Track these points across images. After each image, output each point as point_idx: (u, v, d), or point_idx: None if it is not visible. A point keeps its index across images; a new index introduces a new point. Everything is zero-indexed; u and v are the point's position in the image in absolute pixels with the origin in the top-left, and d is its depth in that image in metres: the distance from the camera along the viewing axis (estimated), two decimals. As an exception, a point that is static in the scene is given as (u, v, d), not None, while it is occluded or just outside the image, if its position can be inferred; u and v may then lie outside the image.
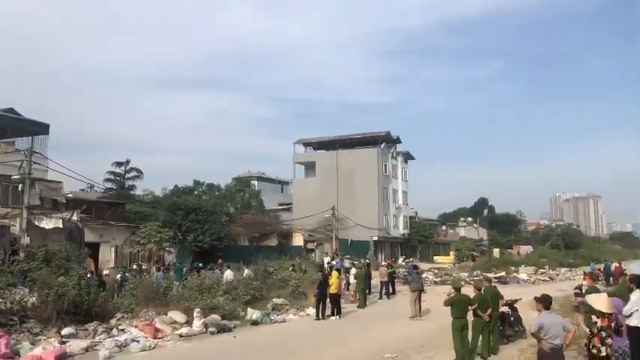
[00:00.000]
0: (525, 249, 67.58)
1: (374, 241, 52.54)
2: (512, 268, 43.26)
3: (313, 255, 45.06)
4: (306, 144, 61.99)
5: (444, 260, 55.76)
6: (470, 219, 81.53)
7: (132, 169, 55.85)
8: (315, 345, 13.94)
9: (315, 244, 47.51)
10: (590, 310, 7.93)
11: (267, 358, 12.28)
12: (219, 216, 40.50)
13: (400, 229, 59.80)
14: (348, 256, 35.28)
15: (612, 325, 7.75)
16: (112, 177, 54.79)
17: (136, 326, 14.74)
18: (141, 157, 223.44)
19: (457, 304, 11.83)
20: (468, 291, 13.33)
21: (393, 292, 25.66)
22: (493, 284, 14.71)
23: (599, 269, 35.70)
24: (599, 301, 7.85)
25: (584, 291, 14.14)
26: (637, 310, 8.61)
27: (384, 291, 24.95)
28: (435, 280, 33.47)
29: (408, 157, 63.85)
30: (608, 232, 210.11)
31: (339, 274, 21.40)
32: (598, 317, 7.64)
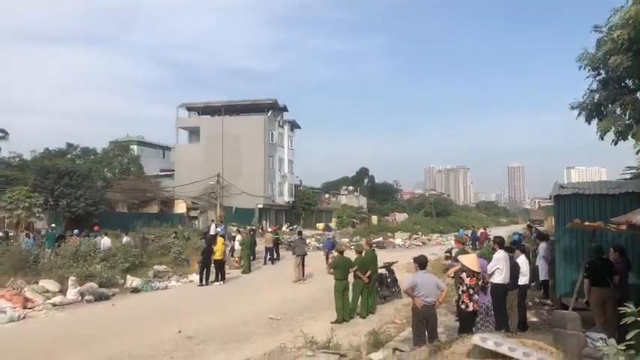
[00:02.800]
0: (401, 216, 71.32)
1: (259, 208, 52.63)
2: (389, 233, 45.72)
3: (196, 222, 44.26)
4: (191, 108, 59.92)
5: (327, 227, 57.30)
6: (351, 188, 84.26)
7: (-6, 128, 50.75)
8: (197, 310, 13.81)
9: (198, 211, 46.62)
10: (460, 270, 8.57)
11: (145, 324, 11.90)
12: (94, 181, 38.41)
13: (285, 197, 60.34)
14: (234, 224, 35.12)
15: (479, 283, 8.48)
16: (-30, 137, 49.45)
17: (2, 296, 13.72)
18: (6, 117, 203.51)
19: (340, 266, 12.38)
20: (349, 255, 13.91)
21: (278, 258, 26.11)
22: (372, 248, 15.36)
23: (466, 235, 38.52)
24: (470, 261, 8.55)
25: (453, 254, 15.25)
26: (498, 268, 9.48)
27: (268, 257, 25.28)
28: (318, 245, 34.37)
29: (294, 125, 64.03)
30: (475, 201, 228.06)
31: (224, 240, 21.32)
32: (467, 277, 8.32)
